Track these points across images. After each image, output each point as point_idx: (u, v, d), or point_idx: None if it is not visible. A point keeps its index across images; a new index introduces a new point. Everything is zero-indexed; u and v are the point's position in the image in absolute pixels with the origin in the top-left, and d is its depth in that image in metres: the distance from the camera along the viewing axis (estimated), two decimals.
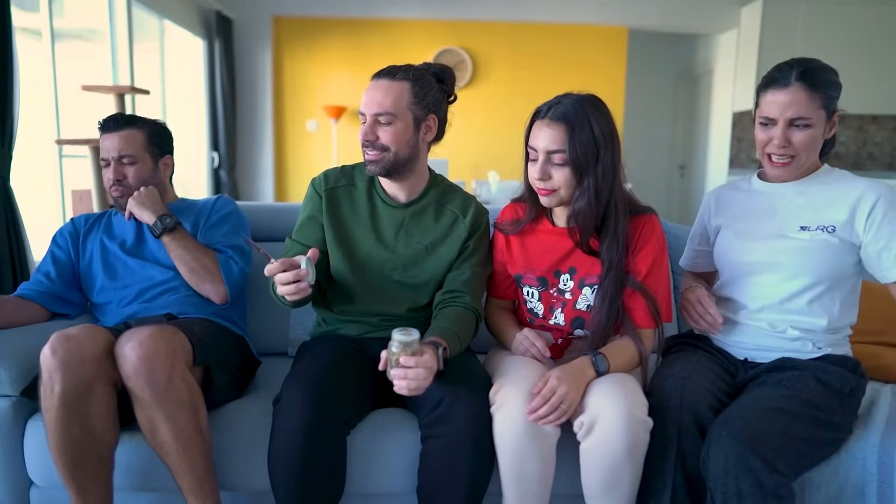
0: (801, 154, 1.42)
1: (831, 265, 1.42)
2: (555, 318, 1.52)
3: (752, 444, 1.20)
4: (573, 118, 1.37)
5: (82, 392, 1.29)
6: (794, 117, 1.39)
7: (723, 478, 1.21)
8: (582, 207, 1.40)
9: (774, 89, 1.42)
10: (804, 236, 1.43)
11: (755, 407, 1.29)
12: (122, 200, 1.72)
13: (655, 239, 1.45)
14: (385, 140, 1.47)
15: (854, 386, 1.39)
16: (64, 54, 3.56)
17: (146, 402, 1.31)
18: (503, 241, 1.56)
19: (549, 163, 1.40)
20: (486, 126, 5.97)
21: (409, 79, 1.47)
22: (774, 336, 1.45)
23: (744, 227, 1.53)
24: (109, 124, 1.71)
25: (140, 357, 1.29)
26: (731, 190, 1.62)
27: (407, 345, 1.25)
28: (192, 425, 1.34)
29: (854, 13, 5.38)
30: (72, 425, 1.29)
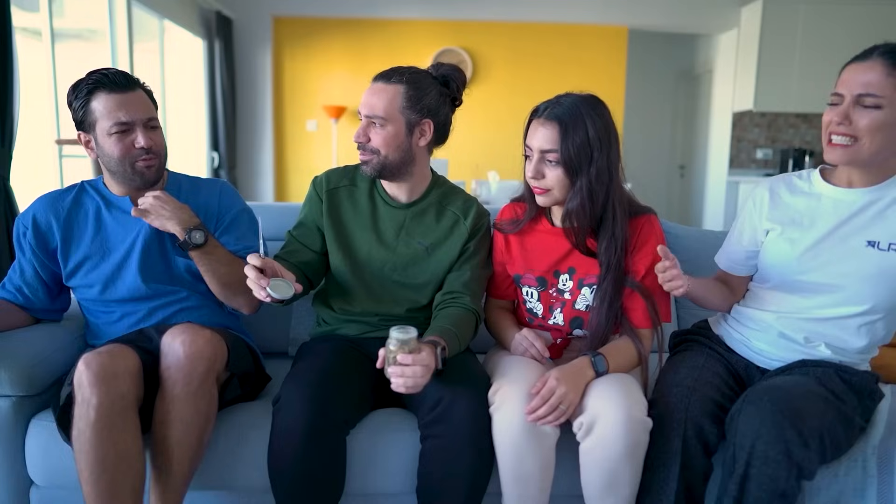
0: (863, 139, 1.24)
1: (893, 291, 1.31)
2: (554, 318, 1.52)
3: (790, 415, 1.18)
4: (567, 118, 1.37)
5: (118, 409, 1.26)
6: (863, 92, 1.22)
7: (751, 439, 1.19)
8: (575, 208, 1.40)
9: (854, 64, 1.26)
10: (871, 255, 1.30)
11: (796, 385, 1.26)
12: (151, 172, 1.49)
13: (654, 239, 1.45)
14: (375, 143, 1.47)
15: (873, 389, 1.39)
16: (64, 54, 3.56)
17: (174, 396, 1.30)
18: (503, 241, 1.56)
19: (542, 162, 1.41)
20: (486, 126, 5.97)
21: (403, 82, 1.46)
22: (803, 350, 1.40)
23: (799, 237, 1.37)
24: (120, 80, 1.44)
25: (187, 354, 1.30)
26: (787, 188, 1.44)
27: (404, 342, 1.26)
28: (199, 435, 1.34)
29: (854, 13, 5.38)
30: (107, 447, 1.25)
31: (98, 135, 1.46)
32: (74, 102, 1.47)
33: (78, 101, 1.45)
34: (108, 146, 1.45)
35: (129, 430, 1.29)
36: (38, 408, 1.48)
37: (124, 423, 1.28)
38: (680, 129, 7.37)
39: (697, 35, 6.59)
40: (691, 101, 7.11)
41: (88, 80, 1.45)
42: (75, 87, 1.47)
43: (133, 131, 1.45)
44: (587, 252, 1.46)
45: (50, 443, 1.42)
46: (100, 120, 1.44)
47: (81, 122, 1.47)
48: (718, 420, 1.32)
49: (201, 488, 1.47)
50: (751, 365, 1.46)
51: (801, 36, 5.46)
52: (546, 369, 1.42)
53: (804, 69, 5.49)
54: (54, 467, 1.44)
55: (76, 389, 1.27)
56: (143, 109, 1.46)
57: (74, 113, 1.48)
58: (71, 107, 1.48)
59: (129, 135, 1.45)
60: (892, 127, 1.23)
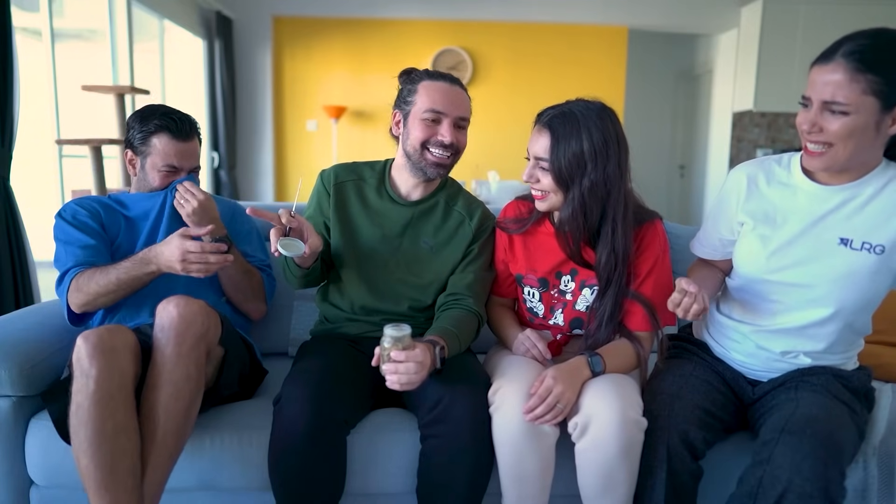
0: (837, 145, 1.20)
1: (868, 292, 1.30)
2: (555, 318, 1.52)
3: (833, 452, 1.16)
4: (561, 128, 1.36)
5: (116, 382, 1.28)
6: (829, 100, 1.17)
7: (789, 472, 1.15)
8: (567, 217, 1.40)
9: (818, 65, 1.21)
10: (843, 254, 1.28)
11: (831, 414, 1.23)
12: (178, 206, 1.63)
13: (658, 243, 1.44)
14: (461, 144, 1.54)
15: (869, 389, 1.39)
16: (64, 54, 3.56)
17: (165, 357, 1.32)
18: (506, 240, 1.56)
19: (536, 167, 1.41)
20: (486, 126, 5.96)
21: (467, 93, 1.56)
22: (784, 362, 1.40)
23: (770, 235, 1.36)
24: (185, 130, 1.63)
25: (181, 315, 1.33)
26: (764, 176, 1.39)
27: (398, 339, 1.26)
28: (186, 403, 1.33)
29: (854, 13, 5.37)
30: (105, 418, 1.26)
31: (147, 164, 1.62)
32: (137, 127, 1.61)
33: (141, 131, 1.60)
34: (153, 177, 1.62)
35: (127, 405, 1.30)
36: (38, 408, 1.48)
37: (123, 397, 1.29)
38: (680, 129, 7.37)
39: (697, 35, 6.60)
40: (691, 101, 7.11)
41: (159, 119, 1.60)
42: (144, 118, 1.61)
43: (178, 173, 1.63)
44: (583, 264, 1.45)
45: (50, 443, 1.42)
46: (153, 156, 1.61)
47: (134, 146, 1.63)
48: (707, 425, 1.32)
49: (201, 488, 1.47)
50: (738, 375, 1.46)
51: (801, 36, 5.46)
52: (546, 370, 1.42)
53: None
54: (54, 467, 1.44)
55: (75, 364, 1.28)
56: (193, 159, 1.65)
57: (131, 135, 1.63)
58: (131, 129, 1.63)
59: (174, 175, 1.63)
60: (864, 129, 1.19)
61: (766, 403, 1.37)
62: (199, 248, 1.38)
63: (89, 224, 1.59)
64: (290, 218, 1.36)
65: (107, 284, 1.46)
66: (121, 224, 1.64)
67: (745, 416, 1.45)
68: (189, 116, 1.66)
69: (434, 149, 1.50)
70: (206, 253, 1.39)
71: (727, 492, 1.30)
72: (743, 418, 1.45)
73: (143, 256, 1.46)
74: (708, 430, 1.32)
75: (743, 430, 1.45)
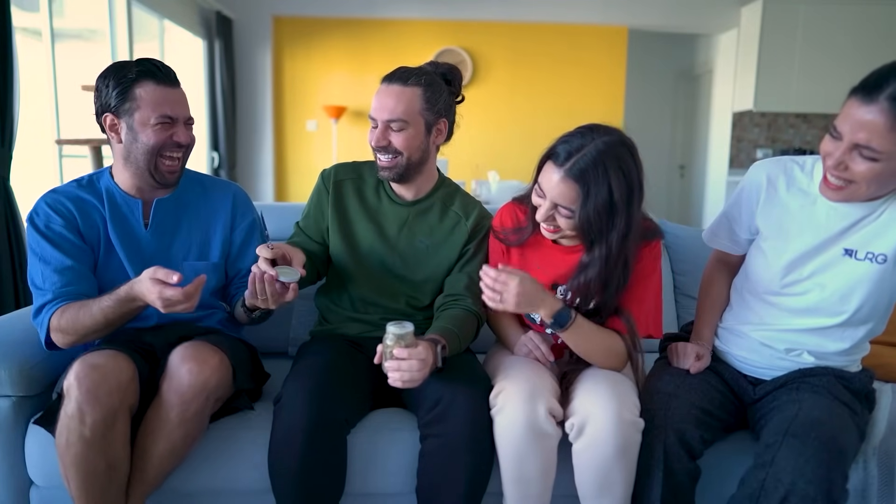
0: (860, 184, 1.19)
1: (874, 298, 1.30)
2: None
3: (837, 455, 1.16)
4: (591, 178, 1.25)
5: (109, 423, 1.25)
6: (863, 144, 1.14)
7: (792, 475, 1.15)
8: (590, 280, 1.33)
9: (857, 99, 1.15)
10: (848, 264, 1.29)
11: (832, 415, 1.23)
12: (173, 178, 1.48)
13: (649, 263, 1.40)
14: (397, 145, 1.47)
15: (870, 390, 1.39)
16: (64, 54, 3.56)
17: (168, 418, 1.30)
18: (503, 246, 1.53)
19: (556, 212, 1.33)
20: (486, 126, 5.97)
21: (420, 84, 1.46)
22: (787, 360, 1.40)
23: (784, 248, 1.35)
24: (172, 75, 1.44)
25: (191, 384, 1.29)
26: (785, 179, 1.37)
27: (401, 337, 1.26)
28: (182, 454, 1.35)
29: (854, 13, 5.38)
30: (98, 460, 1.25)
31: (135, 122, 1.41)
32: (111, 83, 1.40)
33: (118, 84, 1.39)
34: (146, 135, 1.41)
35: (119, 439, 1.28)
36: (38, 408, 1.48)
37: (115, 434, 1.27)
38: (680, 129, 7.37)
39: (697, 35, 6.59)
40: (691, 101, 7.11)
41: (136, 65, 1.41)
42: (118, 68, 1.41)
43: (175, 126, 1.44)
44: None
45: (50, 443, 1.41)
46: (142, 108, 1.40)
47: (114, 106, 1.41)
48: (704, 425, 1.32)
49: (201, 489, 1.47)
50: (739, 375, 1.46)
51: (801, 36, 5.46)
52: (549, 371, 1.43)
53: (804, 69, 5.49)
54: (54, 467, 1.43)
55: (66, 399, 1.25)
56: (186, 107, 1.48)
57: (107, 94, 1.41)
58: (105, 88, 1.41)
59: (170, 129, 1.44)
60: (891, 174, 1.18)
61: (768, 404, 1.37)
62: (182, 296, 1.24)
63: (65, 237, 1.42)
64: (269, 251, 1.33)
65: (94, 324, 1.35)
66: (98, 227, 1.47)
67: (745, 415, 1.45)
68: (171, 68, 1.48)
69: (378, 154, 1.50)
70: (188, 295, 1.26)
71: (726, 492, 1.30)
72: (743, 418, 1.45)
73: (126, 295, 1.32)
74: (706, 430, 1.32)
75: (742, 430, 1.45)
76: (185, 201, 1.56)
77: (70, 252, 1.42)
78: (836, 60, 5.39)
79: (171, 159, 1.46)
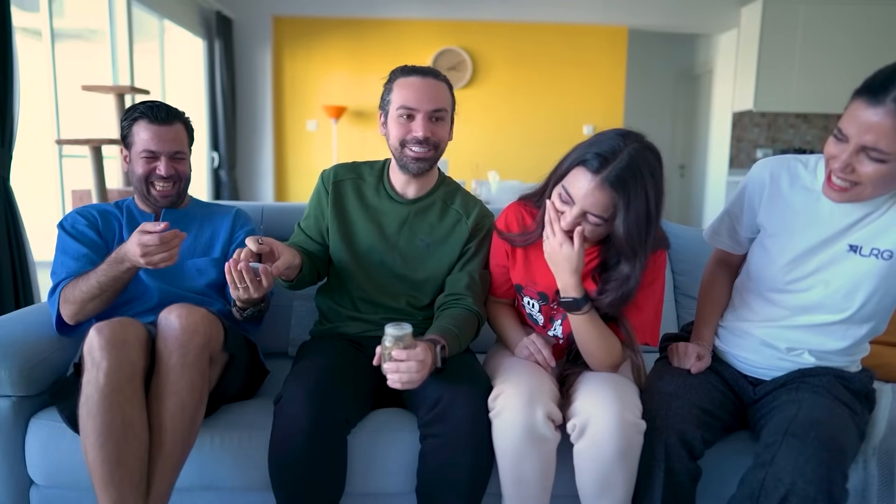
0: (866, 185, 1.18)
1: (879, 294, 1.30)
2: (554, 329, 1.51)
3: (837, 454, 1.16)
4: (630, 187, 1.22)
5: (127, 374, 1.29)
6: (870, 146, 1.13)
7: (792, 475, 1.15)
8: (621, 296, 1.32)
9: (862, 101, 1.14)
10: (853, 260, 1.28)
11: (832, 415, 1.23)
12: (166, 201, 1.66)
13: (654, 272, 1.39)
14: (438, 136, 1.51)
15: (870, 390, 1.39)
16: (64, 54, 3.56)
17: (169, 367, 1.33)
18: (508, 246, 1.51)
19: (586, 221, 1.29)
20: (486, 126, 5.97)
21: (446, 81, 1.54)
22: (788, 360, 1.40)
23: (786, 245, 1.36)
24: (161, 115, 1.63)
25: (183, 326, 1.34)
26: (788, 176, 1.37)
27: (399, 338, 1.26)
28: (192, 411, 1.34)
29: (854, 13, 5.38)
30: (115, 411, 1.27)
31: (132, 153, 1.65)
32: (123, 122, 1.66)
33: (125, 122, 1.65)
34: (136, 166, 1.64)
35: (136, 399, 1.31)
36: (38, 408, 1.48)
37: (132, 390, 1.30)
38: (680, 129, 7.37)
39: (697, 35, 6.60)
40: (691, 101, 7.11)
41: (138, 107, 1.64)
42: (128, 111, 1.66)
43: (158, 159, 1.62)
44: None
45: (50, 443, 1.42)
46: (136, 143, 1.63)
47: (124, 139, 1.66)
48: (705, 425, 1.32)
49: (201, 488, 1.47)
50: (739, 375, 1.46)
51: (801, 36, 5.46)
52: (549, 375, 1.42)
53: (804, 69, 5.49)
54: (54, 467, 1.44)
55: (86, 355, 1.30)
56: (172, 144, 1.64)
57: (122, 129, 1.67)
58: (122, 122, 1.68)
59: (154, 162, 1.63)
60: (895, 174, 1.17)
61: (768, 404, 1.37)
62: (158, 240, 1.36)
63: (85, 233, 1.63)
64: (259, 245, 1.33)
65: (89, 289, 1.46)
66: (115, 231, 1.66)
67: (745, 415, 1.45)
68: (171, 106, 1.67)
69: (411, 146, 1.50)
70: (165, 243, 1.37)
71: (726, 492, 1.30)
72: (743, 418, 1.45)
73: (115, 255, 1.46)
74: (706, 430, 1.32)
75: (742, 430, 1.45)
76: (191, 215, 1.73)
77: (87, 244, 1.61)
78: (836, 60, 5.39)
79: (161, 188, 1.65)
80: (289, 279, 1.50)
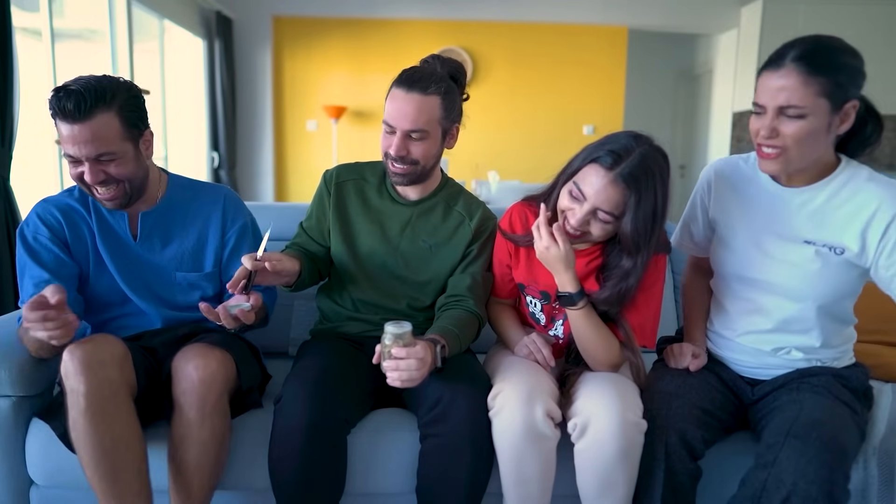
0: (791, 148, 1.23)
1: (838, 286, 1.33)
2: (555, 329, 1.51)
3: (839, 455, 1.16)
4: (642, 184, 1.25)
5: (107, 394, 1.25)
6: (784, 105, 1.21)
7: (793, 476, 1.15)
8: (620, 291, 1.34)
9: (767, 72, 1.24)
10: (808, 253, 1.32)
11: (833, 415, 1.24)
12: (114, 204, 1.39)
13: (654, 275, 1.40)
14: (416, 155, 1.46)
15: (868, 387, 1.39)
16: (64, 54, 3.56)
17: (190, 420, 1.31)
18: (511, 246, 1.51)
19: (595, 218, 1.31)
20: (486, 126, 5.97)
21: (440, 93, 1.44)
22: (778, 358, 1.41)
23: (738, 234, 1.41)
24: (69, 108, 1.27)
25: (201, 379, 1.30)
26: (731, 171, 1.44)
27: (399, 336, 1.26)
28: (216, 455, 1.34)
29: (854, 13, 5.38)
30: (102, 432, 1.24)
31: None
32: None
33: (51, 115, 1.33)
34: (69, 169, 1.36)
35: (122, 415, 1.27)
36: (37, 408, 1.48)
37: (116, 408, 1.26)
38: (680, 129, 7.37)
39: (697, 35, 6.60)
40: (691, 101, 7.11)
41: (51, 98, 1.30)
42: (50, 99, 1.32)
43: (81, 165, 1.33)
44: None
45: (50, 443, 1.42)
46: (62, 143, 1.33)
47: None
48: (705, 425, 1.32)
49: None
50: (737, 376, 1.46)
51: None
52: (548, 373, 1.42)
53: None
54: (54, 467, 1.44)
55: (64, 380, 1.26)
56: (93, 145, 1.29)
57: None
58: None
59: (78, 167, 1.33)
60: (819, 133, 1.22)
61: (768, 405, 1.37)
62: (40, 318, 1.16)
63: (49, 250, 1.41)
64: (255, 262, 1.29)
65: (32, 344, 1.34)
66: (85, 239, 1.46)
67: (745, 416, 1.45)
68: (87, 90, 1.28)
69: (390, 160, 1.48)
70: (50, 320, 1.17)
71: (726, 492, 1.30)
72: (742, 418, 1.45)
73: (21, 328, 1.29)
74: (706, 430, 1.32)
75: (742, 430, 1.45)
76: (174, 210, 1.51)
77: (50, 265, 1.41)
78: None
79: (101, 193, 1.37)
80: (288, 285, 1.50)
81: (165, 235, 1.51)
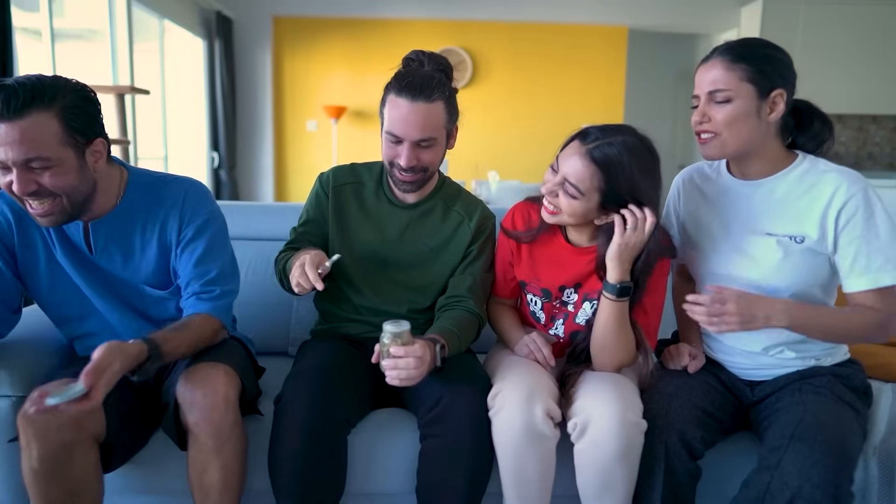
0: (723, 132, 1.31)
1: (804, 275, 1.33)
2: (556, 328, 1.51)
3: (843, 458, 1.17)
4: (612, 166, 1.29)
5: (62, 458, 1.21)
6: (712, 89, 1.30)
7: (799, 479, 1.15)
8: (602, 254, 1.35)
9: (700, 67, 1.36)
10: (770, 245, 1.34)
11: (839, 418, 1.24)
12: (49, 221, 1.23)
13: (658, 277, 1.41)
14: (426, 162, 1.45)
15: (867, 386, 1.39)
16: (64, 54, 3.56)
17: (209, 447, 1.28)
18: (513, 244, 1.52)
19: (561, 188, 1.33)
20: (486, 126, 5.96)
21: (443, 98, 1.43)
22: (771, 357, 1.41)
23: (707, 233, 1.44)
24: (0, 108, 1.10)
25: (212, 406, 1.25)
26: (697, 176, 1.51)
27: (397, 335, 1.26)
28: (240, 473, 1.33)
29: (854, 13, 5.38)
30: (51, 487, 1.22)
31: None
32: None
33: None
34: None
35: (77, 469, 1.24)
36: None
37: (72, 465, 1.23)
38: (680, 129, 7.36)
39: (697, 35, 6.59)
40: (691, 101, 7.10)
41: None
42: None
43: (10, 172, 1.15)
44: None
45: None
46: None
47: None
48: (705, 425, 1.32)
49: None
50: (735, 377, 1.46)
51: (801, 36, 5.46)
52: (549, 374, 1.42)
53: (804, 69, 5.37)
54: None
55: (20, 430, 1.21)
56: (21, 148, 1.12)
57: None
58: None
59: (8, 174, 1.16)
60: (747, 115, 1.30)
61: (771, 406, 1.37)
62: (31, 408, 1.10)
63: None
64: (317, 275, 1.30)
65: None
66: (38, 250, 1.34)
67: (745, 417, 1.45)
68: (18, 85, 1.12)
69: (397, 170, 1.46)
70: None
71: (726, 492, 1.30)
72: (742, 419, 1.45)
73: None
74: (706, 430, 1.32)
75: (742, 431, 1.45)
76: (131, 215, 1.36)
77: None
78: (836, 60, 5.38)
79: (34, 208, 1.20)
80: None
81: (125, 245, 1.37)
